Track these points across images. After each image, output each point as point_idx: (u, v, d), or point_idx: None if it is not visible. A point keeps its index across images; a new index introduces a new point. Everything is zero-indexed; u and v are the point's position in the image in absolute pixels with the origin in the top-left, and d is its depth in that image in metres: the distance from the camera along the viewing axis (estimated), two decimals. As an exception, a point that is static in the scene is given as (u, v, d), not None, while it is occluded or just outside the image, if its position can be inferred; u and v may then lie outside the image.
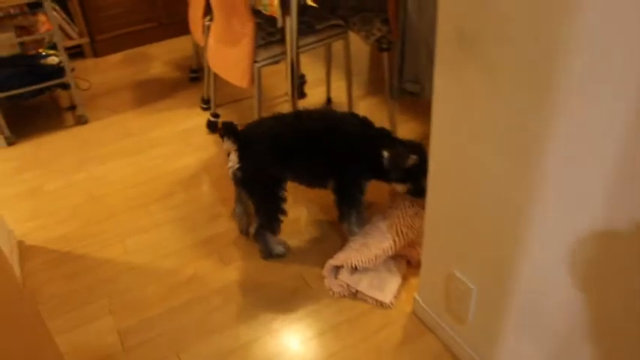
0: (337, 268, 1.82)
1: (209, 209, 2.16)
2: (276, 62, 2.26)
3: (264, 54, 2.20)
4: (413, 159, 1.76)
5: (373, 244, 1.83)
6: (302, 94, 2.97)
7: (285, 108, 2.70)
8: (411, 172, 1.78)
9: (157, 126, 2.75)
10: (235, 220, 2.04)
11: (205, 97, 2.83)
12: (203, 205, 2.18)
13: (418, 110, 2.72)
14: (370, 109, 2.82)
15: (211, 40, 2.39)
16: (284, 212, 1.84)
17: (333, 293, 1.78)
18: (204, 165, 2.43)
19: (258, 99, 2.28)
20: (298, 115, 1.90)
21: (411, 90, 2.31)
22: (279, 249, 1.92)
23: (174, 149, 2.55)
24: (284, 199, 1.83)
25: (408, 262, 1.89)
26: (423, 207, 1.90)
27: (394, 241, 1.81)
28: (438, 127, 1.30)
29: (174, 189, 2.28)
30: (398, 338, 1.63)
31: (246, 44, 2.17)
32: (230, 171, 1.79)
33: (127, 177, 2.37)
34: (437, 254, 1.51)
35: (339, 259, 1.81)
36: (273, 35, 2.23)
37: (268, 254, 1.92)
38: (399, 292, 1.78)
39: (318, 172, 1.89)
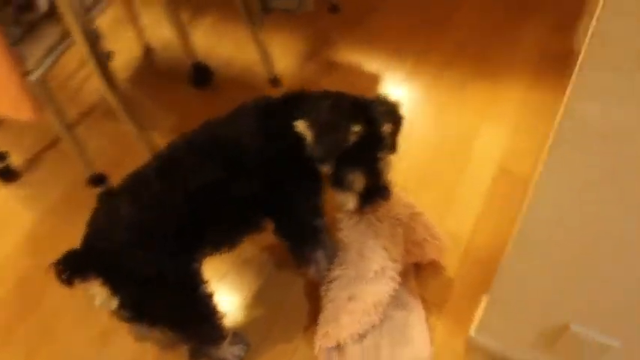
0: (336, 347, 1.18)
1: (92, 327, 1.33)
2: (61, 53, 1.29)
3: (34, 50, 1.23)
4: (355, 131, 0.98)
5: (364, 290, 1.19)
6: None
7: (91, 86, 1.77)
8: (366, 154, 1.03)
9: None
10: (143, 338, 1.25)
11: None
12: (74, 321, 1.34)
13: (297, 29, 1.91)
14: (218, 35, 1.94)
15: None
16: (217, 313, 1.11)
17: (352, 382, 1.17)
18: (24, 250, 1.49)
19: (64, 129, 1.34)
20: (164, 168, 1.02)
21: (283, 7, 1.50)
22: (233, 351, 1.20)
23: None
24: (211, 295, 1.08)
25: (415, 265, 1.30)
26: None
27: (396, 272, 1.19)
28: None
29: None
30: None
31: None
32: (104, 310, 0.98)
33: None
34: (531, 303, 0.93)
35: (329, 336, 1.16)
36: (28, 10, 1.24)
37: (222, 366, 1.21)
38: (431, 328, 1.21)
39: (241, 225, 1.13)
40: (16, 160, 1.67)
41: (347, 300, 1.18)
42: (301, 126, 1.00)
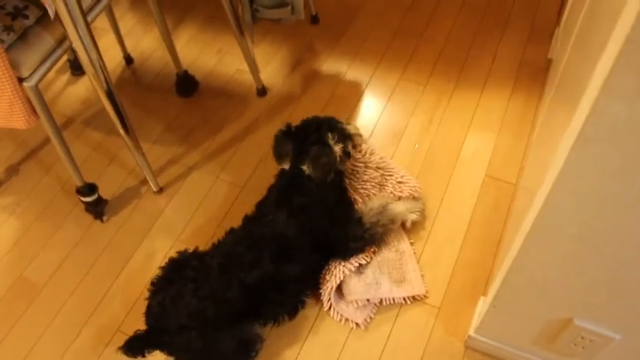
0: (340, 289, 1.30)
1: (90, 327, 1.29)
2: (57, 60, 1.27)
3: (29, 57, 1.20)
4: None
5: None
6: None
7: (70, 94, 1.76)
8: None
9: None
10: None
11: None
12: (68, 326, 1.30)
13: (277, 40, 1.93)
14: (199, 45, 1.95)
15: None
16: None
17: (359, 325, 1.26)
18: (10, 259, 1.45)
19: (60, 144, 1.32)
20: (223, 263, 1.18)
21: (276, 17, 1.52)
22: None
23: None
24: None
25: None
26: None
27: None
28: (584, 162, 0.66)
29: None
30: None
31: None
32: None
33: None
34: (537, 300, 0.97)
35: (334, 274, 1.27)
36: (20, 13, 1.22)
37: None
38: (430, 328, 1.25)
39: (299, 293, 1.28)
40: (-5, 169, 1.63)
41: None
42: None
